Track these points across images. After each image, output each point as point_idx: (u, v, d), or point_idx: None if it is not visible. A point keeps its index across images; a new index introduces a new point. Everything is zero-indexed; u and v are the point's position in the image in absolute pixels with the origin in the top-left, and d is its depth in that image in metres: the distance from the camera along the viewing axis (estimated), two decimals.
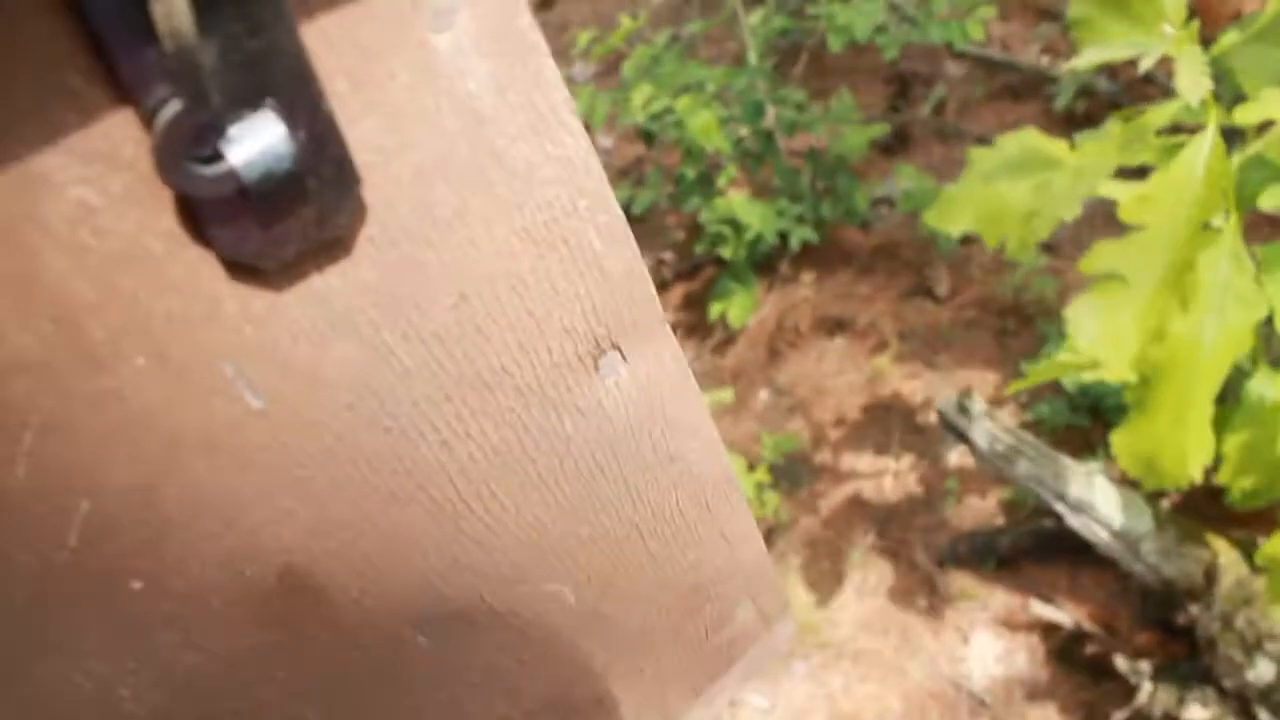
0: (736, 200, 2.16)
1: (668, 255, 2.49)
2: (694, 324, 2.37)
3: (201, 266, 0.31)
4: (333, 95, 0.31)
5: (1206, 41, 1.29)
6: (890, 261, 2.41)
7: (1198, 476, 1.30)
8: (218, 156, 0.29)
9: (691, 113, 2.08)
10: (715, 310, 2.23)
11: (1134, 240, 1.27)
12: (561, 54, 3.00)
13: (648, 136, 2.24)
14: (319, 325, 0.34)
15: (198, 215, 0.31)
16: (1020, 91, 2.83)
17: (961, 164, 2.83)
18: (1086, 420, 2.08)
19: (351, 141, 0.32)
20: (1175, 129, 1.39)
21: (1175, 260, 1.27)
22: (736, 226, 2.17)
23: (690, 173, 2.23)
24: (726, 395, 1.77)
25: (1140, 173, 1.39)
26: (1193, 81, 1.19)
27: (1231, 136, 1.32)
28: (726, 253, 2.19)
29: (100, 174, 0.29)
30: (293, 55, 0.30)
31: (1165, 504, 1.82)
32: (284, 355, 0.34)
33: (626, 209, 2.44)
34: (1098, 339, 1.31)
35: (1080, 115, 2.66)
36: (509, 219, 0.36)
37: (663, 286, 2.44)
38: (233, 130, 0.29)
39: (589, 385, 0.41)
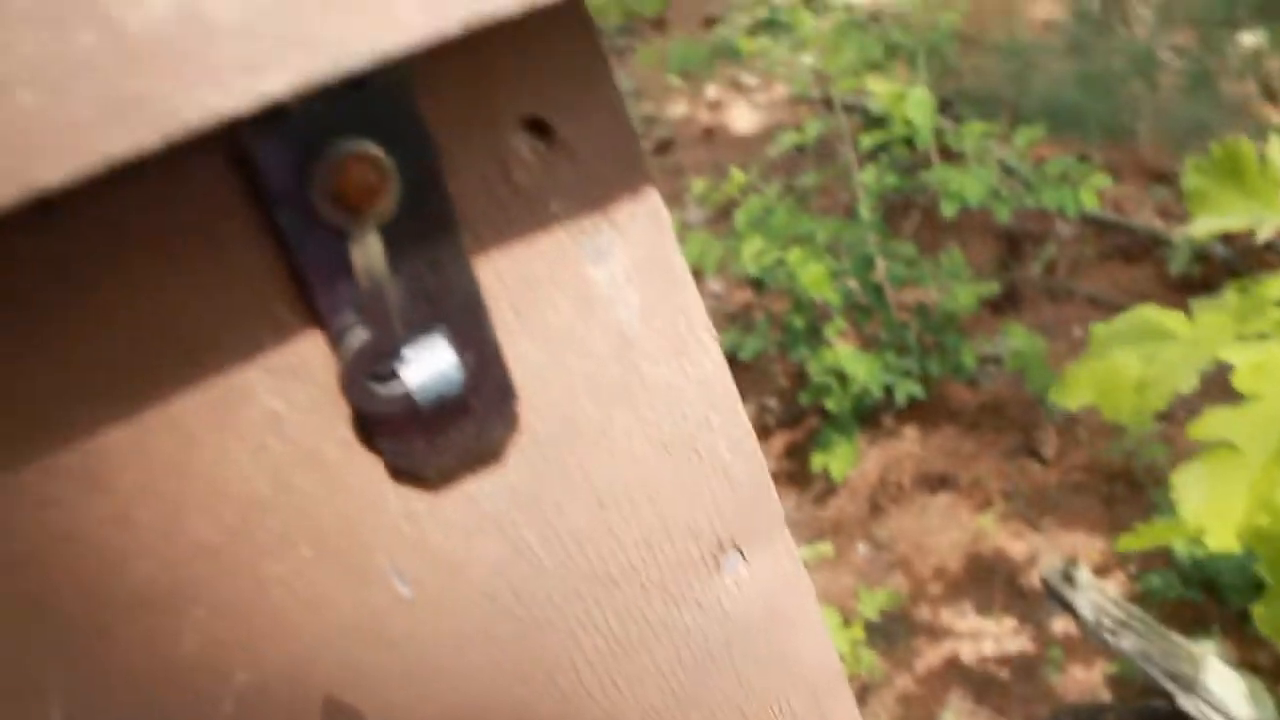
0: (843, 352, 2.18)
1: (772, 402, 2.51)
2: (795, 473, 2.37)
3: (370, 471, 0.35)
4: (499, 323, 0.35)
5: None
6: (996, 420, 2.39)
7: None
8: (394, 377, 0.33)
9: (802, 265, 2.12)
10: (818, 462, 2.23)
11: (1248, 409, 1.25)
12: (676, 198, 3.08)
13: (758, 284, 2.28)
14: (468, 524, 0.37)
15: (370, 426, 0.34)
16: (1133, 253, 2.82)
17: (1071, 323, 2.82)
18: (1199, 595, 2.02)
19: (511, 362, 0.35)
20: None
21: None
22: (842, 378, 2.18)
23: (799, 322, 2.26)
24: (826, 549, 1.77)
25: (1259, 340, 1.38)
26: None
27: None
28: (831, 404, 2.20)
29: (289, 387, 0.33)
30: (466, 289, 0.33)
31: None
32: (434, 550, 0.37)
33: (733, 355, 2.47)
34: (1205, 508, 1.28)
35: (1196, 280, 2.64)
36: (648, 432, 0.39)
37: (765, 434, 2.45)
38: (409, 354, 0.33)
39: (710, 583, 0.43)
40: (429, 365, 0.33)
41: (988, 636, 2.02)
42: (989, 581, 2.09)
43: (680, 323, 0.38)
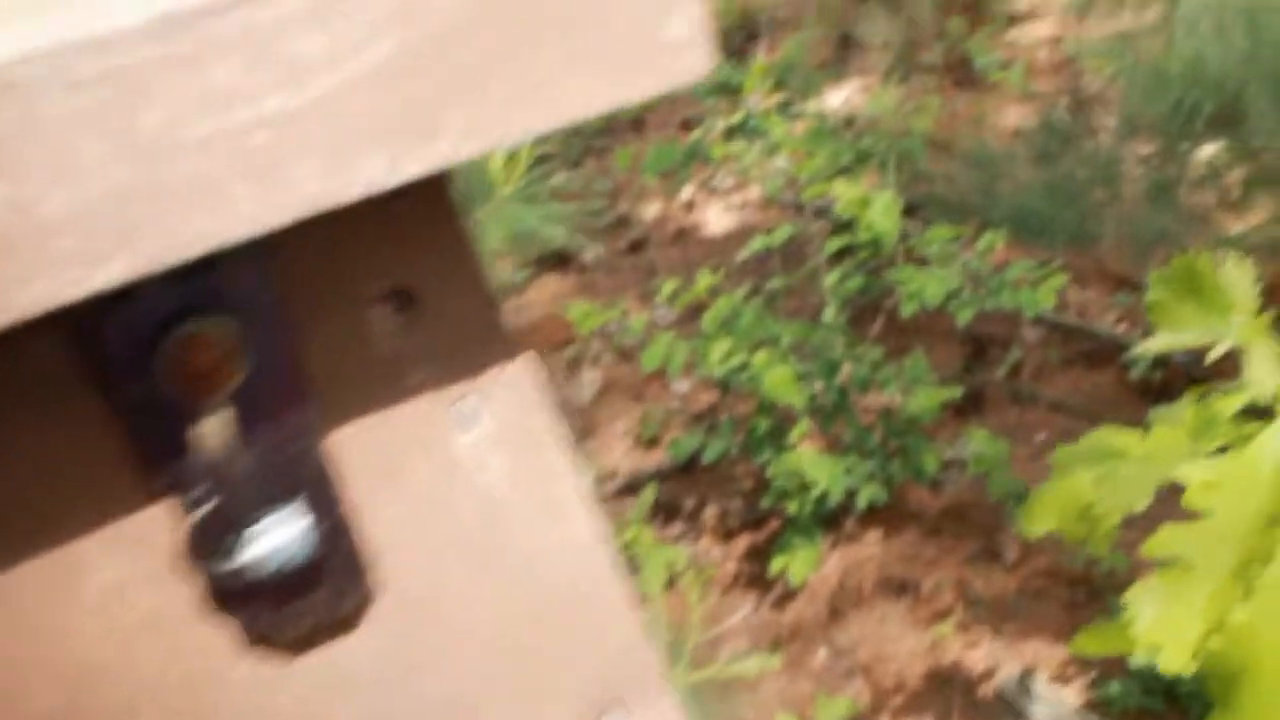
0: (805, 456, 2.18)
1: (735, 505, 2.51)
2: (755, 576, 2.36)
3: (217, 638, 0.35)
4: (358, 490, 0.35)
5: None
6: (959, 524, 2.39)
7: None
8: (242, 546, 0.33)
9: (768, 368, 2.14)
10: (777, 565, 2.22)
11: (1201, 527, 1.25)
12: (646, 297, 3.11)
13: (723, 386, 2.29)
14: (322, 691, 0.37)
15: (219, 593, 0.34)
16: (1096, 359, 2.85)
17: (1034, 428, 2.84)
18: (1160, 704, 2.01)
19: (369, 529, 0.36)
20: (1256, 410, 1.39)
21: (1244, 552, 1.25)
22: (804, 483, 2.19)
23: (762, 425, 2.27)
24: (773, 662, 1.75)
25: (1212, 456, 1.39)
26: (1260, 376, 1.21)
27: None
28: (793, 507, 2.20)
29: (134, 556, 0.33)
30: (320, 459, 0.34)
31: None
32: (285, 716, 0.36)
33: (696, 456, 2.48)
34: (1157, 626, 1.28)
35: (1156, 385, 2.67)
36: (519, 598, 0.39)
37: (727, 536, 2.45)
38: (258, 524, 0.33)
39: None
40: (277, 536, 0.33)
41: None
42: (948, 691, 2.08)
43: (551, 487, 0.39)
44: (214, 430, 0.31)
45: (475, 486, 0.37)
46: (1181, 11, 2.39)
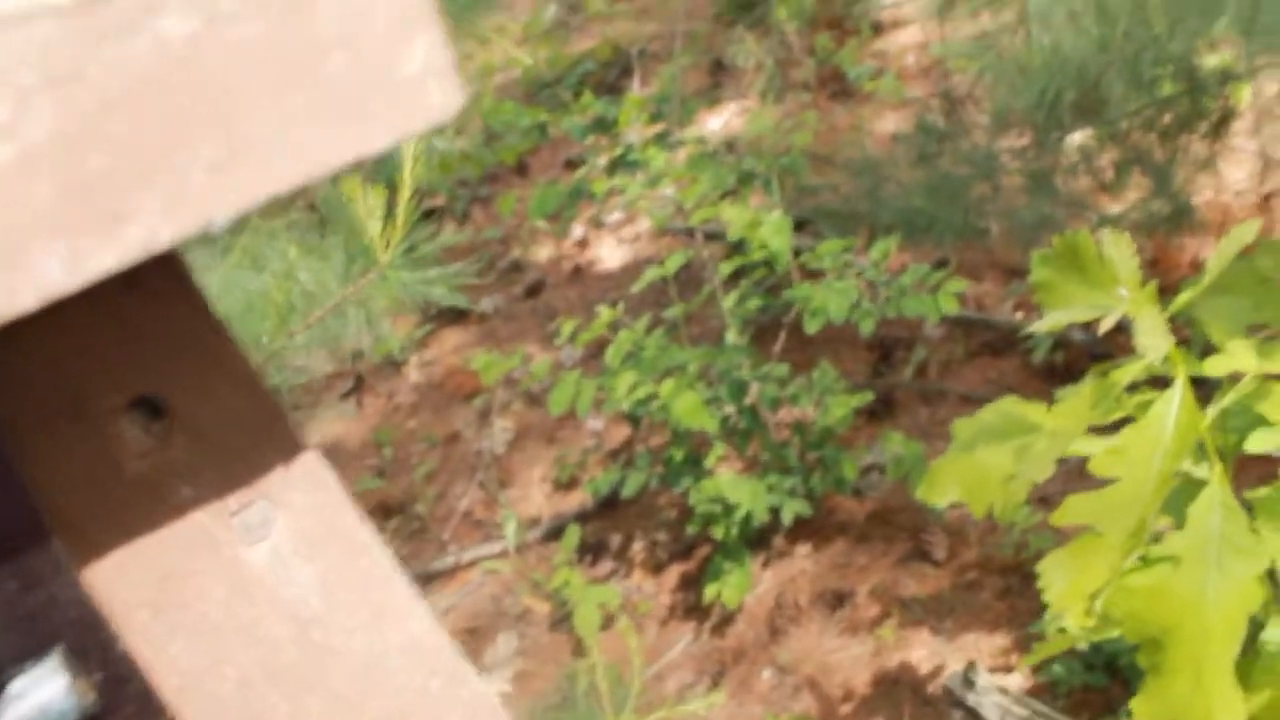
0: (724, 479, 2.17)
1: (662, 536, 2.49)
2: (691, 605, 2.34)
3: None
4: (133, 628, 0.31)
5: (1171, 290, 1.32)
6: (886, 528, 2.40)
7: None
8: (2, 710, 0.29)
9: (675, 396, 2.13)
10: (710, 591, 2.20)
11: (1105, 494, 1.27)
12: (548, 340, 3.08)
13: (634, 420, 2.28)
14: None
15: None
16: (999, 348, 2.89)
17: (948, 424, 2.86)
18: (1104, 679, 2.02)
19: (161, 667, 0.32)
20: (1153, 380, 1.41)
21: (1146, 511, 1.27)
22: (727, 506, 2.17)
23: (678, 454, 2.26)
24: (719, 698, 1.73)
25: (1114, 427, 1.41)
26: (1152, 343, 1.22)
27: (1208, 384, 1.34)
28: (719, 532, 2.19)
29: None
30: (77, 603, 0.30)
31: None
32: None
33: (616, 492, 2.45)
34: (1068, 592, 1.29)
35: (1060, 367, 2.71)
36: (353, 713, 0.35)
37: (657, 569, 2.42)
38: (15, 686, 0.29)
39: None
40: (36, 696, 0.29)
41: None
42: (895, 694, 2.07)
43: (372, 591, 0.35)
44: None
45: (282, 603, 0.34)
46: (1034, 6, 2.45)
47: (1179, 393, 1.28)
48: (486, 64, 4.55)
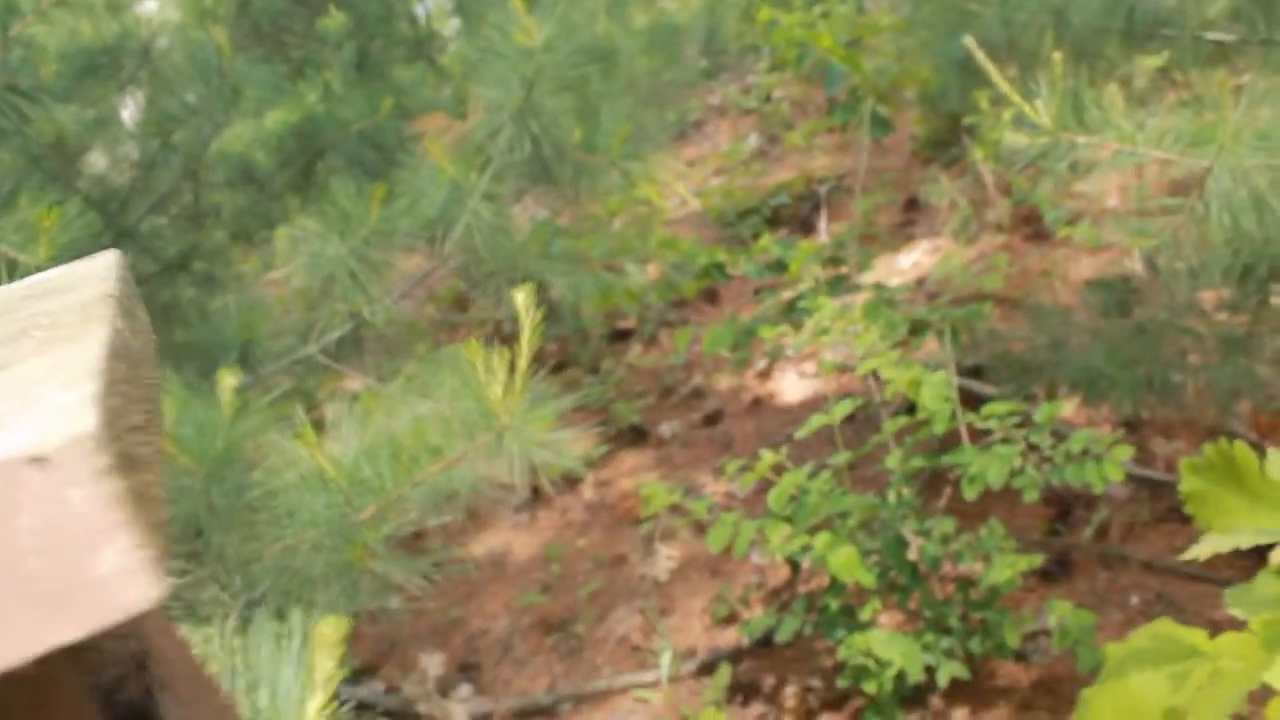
0: (876, 635, 2.13)
1: (815, 683, 2.45)
2: None
3: None
4: None
5: None
6: (1050, 699, 2.30)
7: None
8: None
9: (831, 549, 2.12)
10: None
11: None
12: (722, 470, 3.11)
13: (793, 565, 2.27)
14: None
15: None
16: (1188, 514, 2.76)
17: (1127, 591, 2.74)
18: None
19: None
20: None
21: None
22: (879, 660, 2.14)
23: (834, 604, 2.24)
24: None
25: None
26: None
27: None
28: (870, 687, 2.15)
29: None
30: None
31: None
32: None
33: (770, 635, 2.44)
34: None
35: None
36: None
37: (809, 716, 2.39)
38: None
39: None
40: None
41: None
42: None
43: None
44: None
45: None
46: (1212, 186, 2.39)
47: None
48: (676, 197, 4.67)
